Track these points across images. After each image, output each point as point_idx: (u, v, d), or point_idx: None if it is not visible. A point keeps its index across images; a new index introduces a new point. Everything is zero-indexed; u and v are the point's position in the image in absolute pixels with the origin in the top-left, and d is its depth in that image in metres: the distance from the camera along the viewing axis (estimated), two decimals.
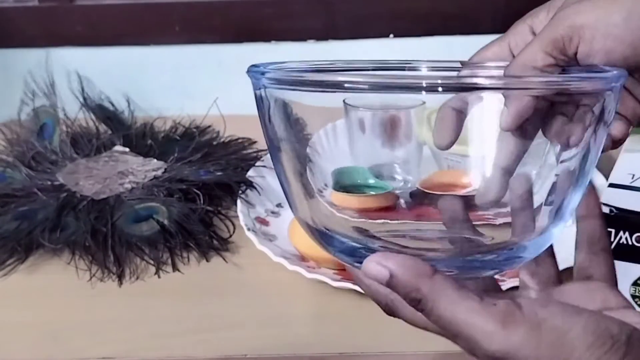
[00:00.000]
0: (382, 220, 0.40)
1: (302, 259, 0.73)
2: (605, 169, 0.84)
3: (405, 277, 0.33)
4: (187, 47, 1.09)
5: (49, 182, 0.85)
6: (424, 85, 0.33)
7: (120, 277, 0.73)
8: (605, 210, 0.63)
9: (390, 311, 0.39)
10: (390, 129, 0.43)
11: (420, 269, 0.33)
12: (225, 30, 1.09)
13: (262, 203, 0.83)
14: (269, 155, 0.88)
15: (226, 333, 0.66)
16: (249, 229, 0.76)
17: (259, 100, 0.39)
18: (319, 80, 0.35)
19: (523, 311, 0.33)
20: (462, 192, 0.41)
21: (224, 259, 0.76)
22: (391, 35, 1.10)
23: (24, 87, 0.99)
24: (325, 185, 0.41)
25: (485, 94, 0.35)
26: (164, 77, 1.09)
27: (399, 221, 0.41)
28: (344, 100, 0.40)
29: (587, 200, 0.42)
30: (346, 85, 0.34)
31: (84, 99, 1.03)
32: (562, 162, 0.38)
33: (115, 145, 0.94)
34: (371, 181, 0.43)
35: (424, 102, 0.40)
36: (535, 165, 0.39)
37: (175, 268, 0.75)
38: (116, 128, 0.99)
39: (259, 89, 0.38)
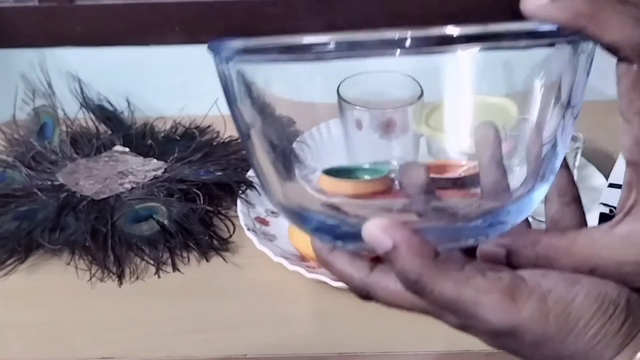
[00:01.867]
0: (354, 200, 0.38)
1: (302, 259, 0.73)
2: (605, 169, 0.84)
3: (408, 255, 0.32)
4: (187, 47, 1.09)
5: (49, 182, 0.85)
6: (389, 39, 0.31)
7: (120, 277, 0.73)
8: (605, 210, 0.63)
9: (366, 296, 0.37)
10: (387, 126, 0.42)
11: (425, 250, 0.32)
12: (225, 30, 1.09)
13: (262, 203, 0.83)
14: None
15: (226, 333, 0.66)
16: (249, 229, 0.76)
17: (224, 79, 0.36)
18: (281, 44, 0.32)
19: (527, 283, 0.33)
20: (459, 171, 0.40)
21: (224, 259, 0.76)
22: None
23: (24, 87, 0.99)
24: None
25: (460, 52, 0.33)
26: (164, 77, 1.09)
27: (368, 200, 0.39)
28: (338, 99, 0.39)
29: None
30: (310, 48, 0.31)
31: (84, 99, 1.03)
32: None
33: (115, 145, 0.94)
34: (366, 165, 0.42)
35: (422, 94, 0.39)
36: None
37: (175, 268, 0.75)
38: (116, 128, 0.99)
39: (223, 63, 0.35)
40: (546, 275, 0.33)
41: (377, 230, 0.32)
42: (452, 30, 0.32)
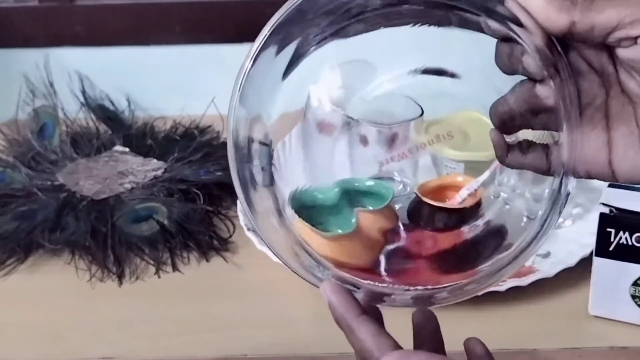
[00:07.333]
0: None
1: None
2: None
3: (336, 308, 0.44)
4: (187, 47, 1.09)
5: (49, 182, 0.85)
6: None
7: (120, 277, 0.73)
8: (605, 210, 0.63)
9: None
10: (392, 141, 0.43)
11: (350, 307, 0.43)
12: (225, 30, 1.09)
13: None
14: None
15: (226, 333, 0.66)
16: (249, 229, 0.76)
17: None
18: None
19: None
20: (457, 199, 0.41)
21: (224, 259, 0.76)
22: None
23: (24, 87, 0.99)
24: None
25: None
26: (164, 77, 1.09)
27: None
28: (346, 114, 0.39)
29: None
30: None
31: (84, 99, 1.03)
32: None
33: (115, 145, 0.94)
34: (370, 183, 0.43)
35: (422, 113, 0.40)
36: None
37: (175, 268, 0.75)
38: (116, 128, 0.99)
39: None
40: None
41: (321, 287, 0.45)
42: None
